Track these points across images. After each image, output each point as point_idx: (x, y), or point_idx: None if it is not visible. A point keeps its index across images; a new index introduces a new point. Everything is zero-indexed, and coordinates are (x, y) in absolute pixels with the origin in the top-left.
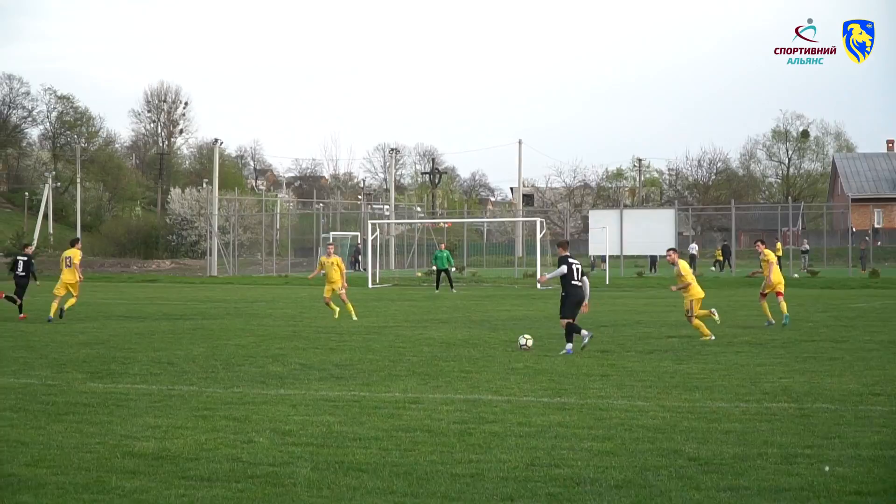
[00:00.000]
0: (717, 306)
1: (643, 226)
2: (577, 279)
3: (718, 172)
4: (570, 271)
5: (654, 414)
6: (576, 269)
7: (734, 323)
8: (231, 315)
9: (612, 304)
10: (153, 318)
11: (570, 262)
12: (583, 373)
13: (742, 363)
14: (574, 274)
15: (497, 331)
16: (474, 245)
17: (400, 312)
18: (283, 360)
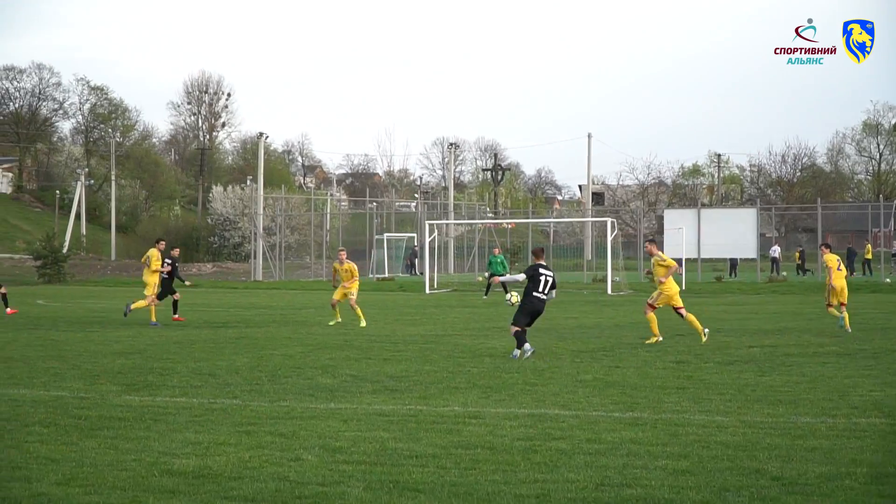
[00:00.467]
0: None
1: (722, 226)
2: (540, 291)
3: (804, 169)
4: (535, 281)
5: (733, 430)
6: (543, 281)
7: (820, 332)
8: (277, 323)
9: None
10: (193, 326)
11: (541, 272)
12: (657, 385)
13: (829, 375)
14: (539, 285)
15: (564, 340)
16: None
17: (459, 320)
18: (334, 371)
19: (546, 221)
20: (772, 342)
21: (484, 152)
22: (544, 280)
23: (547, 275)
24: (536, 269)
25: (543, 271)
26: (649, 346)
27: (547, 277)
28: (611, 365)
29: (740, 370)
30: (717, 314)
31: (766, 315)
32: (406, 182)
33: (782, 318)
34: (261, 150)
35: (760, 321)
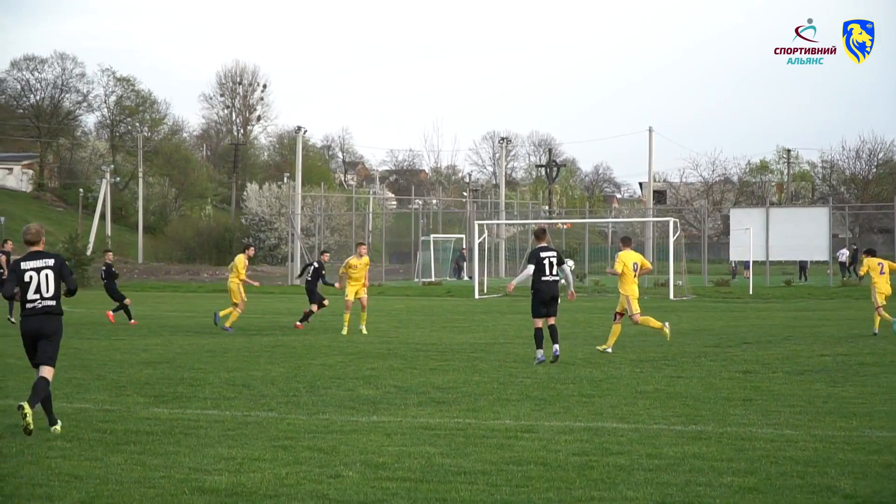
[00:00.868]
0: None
1: (792, 226)
2: (549, 274)
3: (880, 165)
4: (540, 266)
5: (804, 444)
6: (547, 263)
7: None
8: (316, 330)
9: (756, 317)
10: (226, 334)
11: (542, 255)
12: (722, 397)
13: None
14: (546, 268)
15: (623, 349)
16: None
17: (511, 327)
18: (376, 382)
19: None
20: (845, 350)
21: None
22: (548, 262)
23: (550, 255)
24: (537, 253)
25: (545, 254)
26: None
27: (550, 259)
28: (673, 375)
29: (811, 380)
30: (787, 320)
31: (839, 321)
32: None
33: (856, 324)
34: (299, 145)
35: (832, 328)
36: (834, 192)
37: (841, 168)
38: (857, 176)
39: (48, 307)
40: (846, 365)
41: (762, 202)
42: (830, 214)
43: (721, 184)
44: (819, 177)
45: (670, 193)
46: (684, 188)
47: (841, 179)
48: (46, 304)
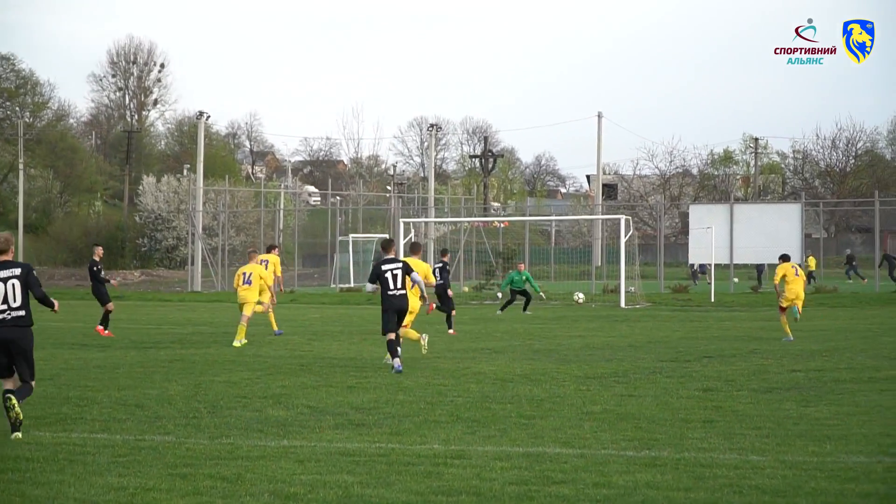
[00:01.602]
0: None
1: (760, 225)
2: (393, 287)
3: (859, 156)
4: (383, 281)
5: (771, 472)
6: (390, 277)
7: (876, 352)
8: (219, 343)
9: (718, 327)
10: (117, 347)
11: (383, 268)
12: (679, 418)
13: (887, 405)
14: (388, 284)
15: (568, 363)
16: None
17: (440, 339)
18: (287, 401)
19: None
20: (818, 365)
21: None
22: (391, 276)
23: (393, 269)
24: (379, 267)
25: (387, 266)
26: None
27: (394, 271)
28: (624, 393)
29: (780, 399)
30: (753, 331)
31: (812, 332)
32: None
33: (831, 335)
34: (200, 132)
35: (805, 340)
36: (807, 187)
37: (815, 159)
38: (833, 168)
39: (17, 318)
40: (819, 382)
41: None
42: (803, 211)
43: (679, 177)
44: (790, 169)
45: (622, 187)
46: (638, 182)
47: (815, 172)
48: (15, 314)
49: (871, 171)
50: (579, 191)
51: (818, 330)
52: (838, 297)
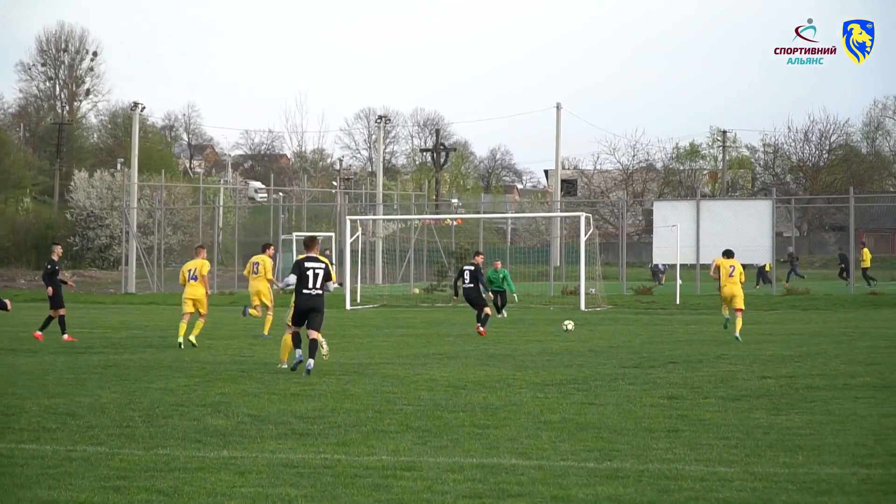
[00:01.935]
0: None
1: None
2: (311, 287)
3: (833, 150)
4: (303, 278)
5: (740, 484)
6: (311, 275)
7: (851, 357)
8: (155, 348)
9: (684, 331)
10: (47, 352)
11: (305, 265)
12: (642, 427)
13: (862, 414)
14: (308, 281)
15: (525, 369)
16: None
17: (390, 344)
18: (227, 409)
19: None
20: (789, 371)
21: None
22: (313, 274)
23: (315, 268)
24: (301, 263)
25: (311, 265)
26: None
27: (316, 270)
28: (584, 401)
29: (749, 408)
30: (720, 336)
31: (784, 337)
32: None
33: (804, 340)
34: (135, 125)
35: (776, 344)
36: (778, 182)
37: (786, 153)
38: (806, 163)
39: None
40: (791, 389)
41: (692, 194)
42: (774, 208)
43: (643, 172)
44: (760, 164)
45: (582, 183)
46: (599, 177)
47: (787, 167)
48: None
49: (846, 166)
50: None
51: (790, 334)
52: (811, 300)
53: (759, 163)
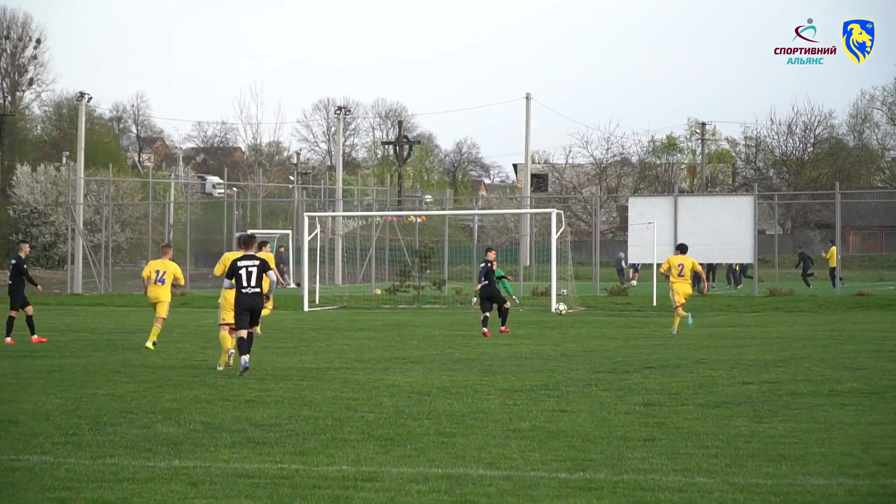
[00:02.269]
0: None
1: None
2: (247, 285)
3: (818, 143)
4: (238, 279)
5: (720, 495)
6: (245, 274)
7: (837, 362)
8: (103, 350)
9: (661, 335)
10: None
11: (239, 264)
12: (617, 436)
13: (849, 421)
14: (243, 279)
15: (492, 374)
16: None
17: (350, 348)
18: (179, 417)
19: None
20: (772, 377)
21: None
22: (246, 272)
23: (249, 266)
24: (235, 263)
25: (244, 263)
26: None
27: (249, 269)
28: (555, 408)
29: (730, 415)
30: (700, 339)
31: (766, 340)
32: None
33: (787, 344)
34: (81, 116)
35: (758, 349)
36: (760, 177)
37: (769, 147)
38: (790, 157)
39: None
40: (774, 395)
41: (669, 189)
42: (756, 204)
43: (617, 166)
44: (741, 158)
45: (553, 178)
46: (571, 172)
47: (769, 161)
48: None
49: (832, 161)
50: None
51: (773, 338)
52: (795, 301)
53: (740, 157)
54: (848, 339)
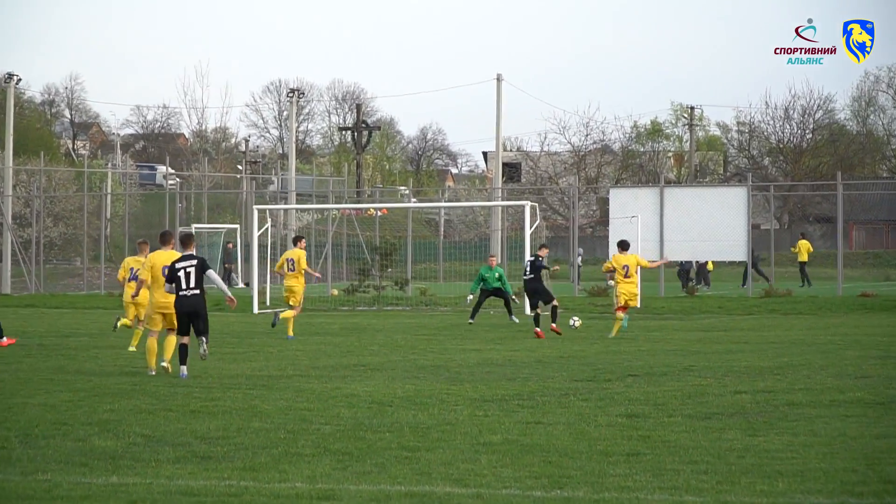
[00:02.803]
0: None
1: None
2: (185, 288)
3: (817, 129)
4: (177, 281)
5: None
6: (183, 275)
7: (839, 369)
8: (34, 357)
9: (645, 339)
10: None
11: (177, 265)
12: (598, 450)
13: (852, 434)
14: (182, 281)
15: (460, 383)
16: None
17: (304, 354)
18: (117, 429)
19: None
20: (768, 385)
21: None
22: (184, 273)
23: (186, 266)
24: (173, 266)
25: (182, 264)
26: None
27: (187, 269)
28: (530, 420)
29: (721, 427)
30: (688, 344)
31: (761, 345)
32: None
33: (784, 349)
34: (10, 99)
35: (752, 354)
36: (755, 167)
37: (764, 133)
38: (787, 144)
39: None
40: (770, 406)
41: (654, 179)
42: (750, 196)
43: (598, 154)
44: (734, 145)
45: (527, 167)
46: (546, 160)
47: (764, 149)
48: None
49: (833, 148)
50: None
51: (768, 342)
52: (793, 303)
53: (732, 144)
54: (851, 344)
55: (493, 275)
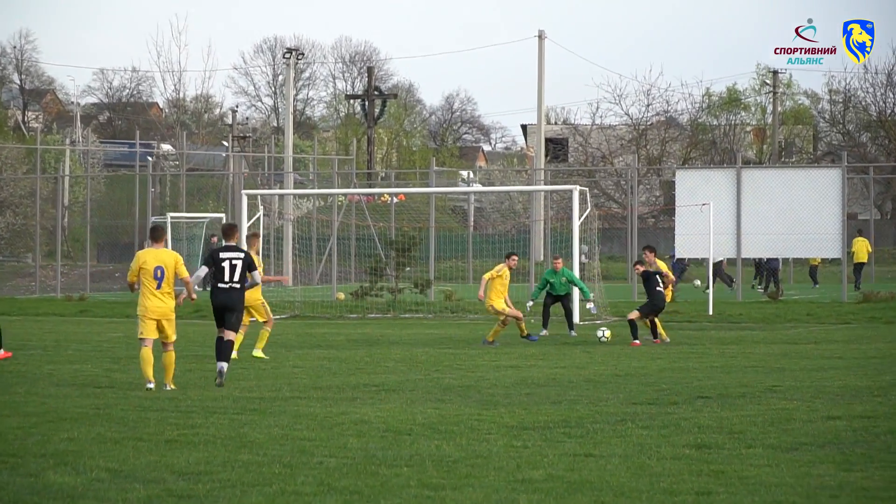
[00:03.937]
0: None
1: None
2: (227, 280)
3: None
4: (219, 270)
5: None
6: (227, 267)
7: None
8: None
9: (719, 353)
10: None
11: (221, 255)
12: (661, 488)
13: None
14: (224, 274)
15: (494, 407)
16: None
17: (304, 371)
18: (77, 462)
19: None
20: (867, 410)
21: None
22: (229, 266)
23: (232, 258)
24: (216, 253)
25: (226, 255)
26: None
27: (233, 261)
28: (579, 452)
29: (810, 460)
30: (771, 360)
31: (859, 361)
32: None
33: (887, 366)
34: None
35: (848, 372)
36: (851, 144)
37: (862, 104)
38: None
39: None
40: (869, 434)
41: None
42: (845, 180)
43: (661, 128)
44: (826, 118)
45: (575, 144)
46: (599, 135)
47: (862, 122)
48: None
49: None
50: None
51: (867, 357)
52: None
53: (823, 116)
54: None
55: (560, 279)
